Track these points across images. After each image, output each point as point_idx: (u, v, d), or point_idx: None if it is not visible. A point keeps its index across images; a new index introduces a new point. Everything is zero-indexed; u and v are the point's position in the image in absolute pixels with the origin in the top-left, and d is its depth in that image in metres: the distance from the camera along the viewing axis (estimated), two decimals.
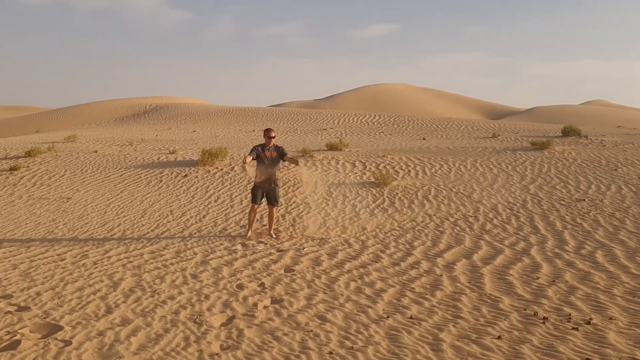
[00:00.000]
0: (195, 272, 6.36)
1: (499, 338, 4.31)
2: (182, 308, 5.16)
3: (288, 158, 8.27)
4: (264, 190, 8.15)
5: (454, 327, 4.55)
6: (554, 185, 11.47)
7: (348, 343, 4.31)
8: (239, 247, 7.56)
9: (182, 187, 12.66)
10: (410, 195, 10.85)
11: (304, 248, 7.36)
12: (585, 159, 14.53)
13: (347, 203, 10.37)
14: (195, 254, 7.17)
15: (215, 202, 11.00)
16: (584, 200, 10.00)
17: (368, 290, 5.55)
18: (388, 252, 7.09)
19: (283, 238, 8.00)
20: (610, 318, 4.68)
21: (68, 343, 4.40)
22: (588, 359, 3.96)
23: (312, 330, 4.56)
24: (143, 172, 14.52)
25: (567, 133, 21.47)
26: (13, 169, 15.12)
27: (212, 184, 12.72)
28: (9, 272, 6.50)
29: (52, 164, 16.01)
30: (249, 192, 10.80)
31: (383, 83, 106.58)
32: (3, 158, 17.10)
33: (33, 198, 12.18)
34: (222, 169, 14.18)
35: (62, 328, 4.70)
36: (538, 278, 5.82)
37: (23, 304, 5.37)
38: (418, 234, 8.03)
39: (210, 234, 8.38)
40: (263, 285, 5.81)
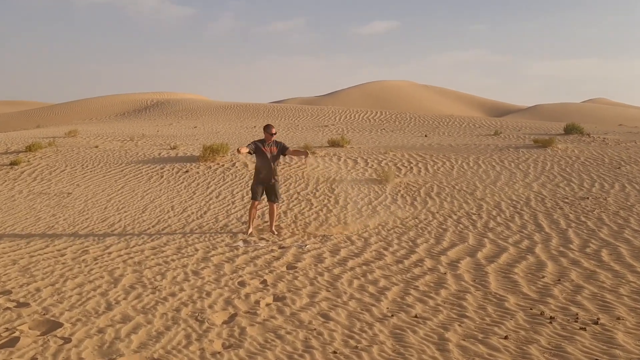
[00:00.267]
0: (197, 268, 6.30)
1: (506, 338, 4.24)
2: (183, 305, 5.09)
3: (291, 152, 8.20)
4: (264, 187, 8.08)
5: (460, 326, 4.49)
6: (557, 183, 11.39)
7: (352, 342, 4.24)
8: (241, 243, 7.49)
9: (183, 182, 12.59)
10: (413, 193, 10.78)
11: (306, 245, 7.29)
12: (589, 157, 14.45)
13: (349, 200, 10.30)
14: (197, 250, 7.10)
15: (217, 198, 10.93)
16: (588, 199, 9.92)
17: (371, 289, 5.48)
18: (391, 249, 7.02)
19: (285, 235, 7.93)
20: (618, 318, 4.61)
21: (68, 340, 4.34)
22: None
23: (315, 329, 4.49)
24: (144, 167, 14.46)
25: (569, 131, 21.37)
26: (13, 164, 15.05)
27: (213, 180, 12.65)
28: (9, 267, 6.44)
29: (52, 159, 15.94)
30: (250, 188, 10.74)
31: (384, 80, 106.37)
32: (3, 152, 17.03)
33: (33, 193, 12.12)
34: (223, 165, 14.10)
35: (61, 325, 4.64)
36: (543, 277, 5.75)
37: (22, 300, 5.31)
38: (421, 232, 7.96)
39: (212, 230, 8.31)
40: (265, 283, 5.75)
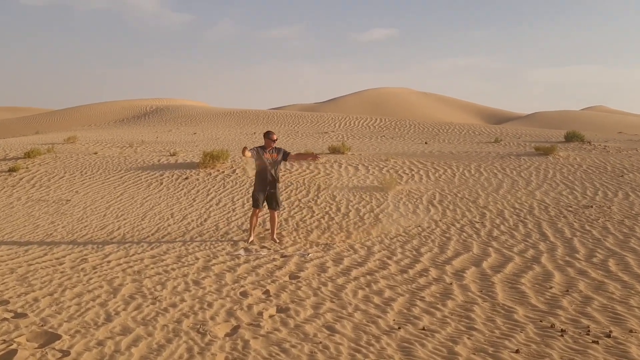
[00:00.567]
0: (197, 278, 6.18)
1: (517, 352, 4.13)
2: (184, 316, 4.98)
3: (293, 157, 8.14)
4: (265, 194, 7.97)
5: (469, 339, 4.38)
6: (560, 191, 11.31)
7: (359, 356, 4.12)
8: (242, 252, 7.38)
9: (182, 189, 12.49)
10: (415, 200, 10.68)
11: (309, 254, 7.18)
12: (591, 165, 14.38)
13: (350, 207, 10.20)
14: (197, 259, 6.99)
15: (217, 205, 10.83)
16: (592, 207, 9.84)
17: (377, 299, 5.37)
18: (395, 258, 6.91)
19: (286, 243, 7.83)
20: (631, 331, 4.50)
21: (66, 353, 4.22)
22: None
23: (320, 342, 4.37)
24: (143, 174, 14.35)
25: (570, 138, 21.33)
26: (12, 170, 14.95)
27: (213, 187, 12.55)
28: (6, 276, 6.32)
29: (51, 166, 15.84)
30: (251, 195, 10.64)
31: (383, 87, 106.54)
32: (2, 159, 16.92)
33: (32, 200, 12.00)
34: (223, 172, 14.01)
35: (60, 337, 4.51)
36: (551, 287, 5.64)
37: (20, 311, 5.19)
38: (424, 240, 7.86)
39: (212, 238, 8.20)
40: (268, 293, 5.64)
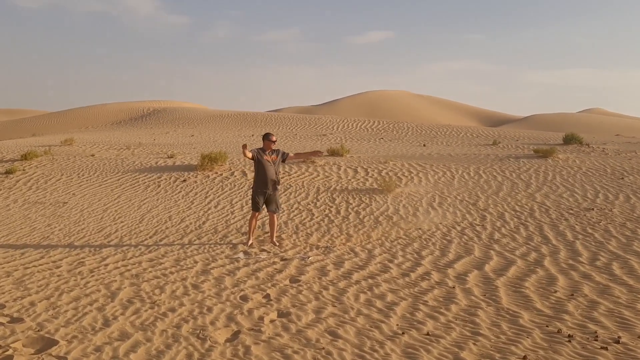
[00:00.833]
0: (197, 282, 6.09)
1: (525, 358, 4.04)
2: (183, 321, 4.88)
3: (292, 157, 8.10)
4: (265, 196, 7.89)
5: (475, 345, 4.30)
6: (561, 194, 11.25)
7: None
8: (241, 255, 7.29)
9: (180, 192, 12.39)
10: (415, 203, 10.61)
11: (309, 257, 7.10)
12: (590, 167, 14.35)
13: (350, 210, 10.13)
14: (196, 263, 6.89)
15: (215, 207, 10.74)
16: (593, 210, 9.79)
17: (379, 303, 5.28)
18: (396, 261, 6.84)
19: (286, 246, 7.74)
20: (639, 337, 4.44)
21: (63, 359, 4.12)
22: None
23: (323, 348, 4.28)
24: (141, 176, 14.25)
25: (568, 141, 21.31)
26: (9, 172, 14.82)
27: (211, 189, 12.46)
28: (2, 279, 6.22)
29: (48, 168, 15.71)
30: (250, 198, 10.54)
31: (380, 90, 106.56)
32: None
33: (28, 202, 11.89)
34: (221, 174, 13.92)
35: (57, 342, 4.42)
36: (556, 291, 5.57)
37: (16, 315, 5.10)
38: (425, 243, 7.78)
39: (211, 241, 8.11)
40: (268, 297, 5.55)
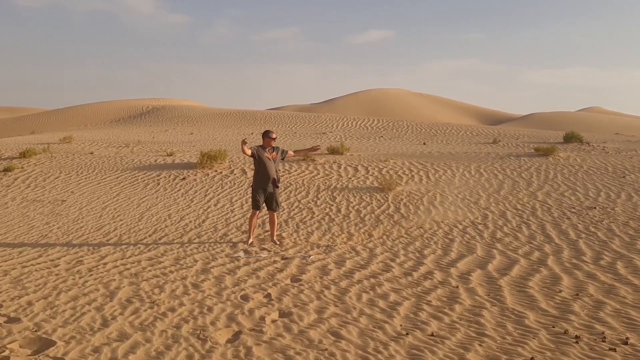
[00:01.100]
0: (196, 281, 6.02)
1: None
2: (183, 321, 4.81)
3: (292, 154, 8.05)
4: (265, 194, 7.80)
5: (480, 346, 4.22)
6: (562, 192, 11.19)
7: None
8: (242, 254, 7.22)
9: (180, 190, 12.31)
10: (416, 201, 10.54)
11: (310, 256, 7.02)
12: (592, 166, 14.27)
13: (351, 208, 10.05)
14: (196, 262, 6.82)
15: (215, 206, 10.66)
16: (595, 208, 9.71)
17: (382, 303, 5.21)
18: (398, 260, 6.77)
19: (287, 245, 7.67)
20: None
21: None
22: None
23: (326, 349, 4.20)
24: (140, 174, 14.16)
25: (568, 139, 21.24)
26: (7, 170, 14.72)
27: (211, 187, 12.38)
28: (0, 279, 6.14)
29: (46, 166, 15.62)
30: (250, 196, 10.46)
31: (379, 88, 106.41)
32: None
33: (27, 200, 11.80)
34: (221, 172, 13.84)
35: (54, 343, 4.34)
36: (560, 291, 5.50)
37: (13, 315, 5.02)
38: (427, 242, 7.71)
39: (211, 240, 8.03)
40: (269, 297, 5.47)
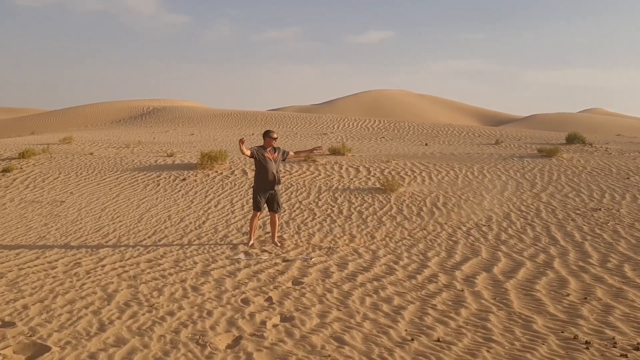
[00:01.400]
0: (196, 283, 5.90)
1: None
2: (182, 326, 4.68)
3: (292, 155, 7.93)
4: (266, 195, 7.68)
5: (488, 352, 4.09)
6: (566, 194, 11.06)
7: None
8: (242, 256, 7.10)
9: (180, 191, 12.19)
10: (419, 202, 10.41)
11: (312, 258, 6.90)
12: (595, 167, 14.15)
13: (353, 210, 9.93)
14: (196, 264, 6.70)
15: (215, 207, 10.54)
16: (600, 210, 9.59)
17: (386, 307, 5.08)
18: (401, 263, 6.64)
19: (288, 246, 7.54)
20: None
21: None
22: None
23: (329, 355, 4.08)
24: (140, 175, 14.05)
25: (571, 140, 21.12)
26: (5, 171, 14.61)
27: (211, 188, 12.26)
28: None
29: (46, 166, 15.51)
30: (250, 197, 10.34)
31: (380, 89, 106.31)
32: None
33: (25, 201, 11.68)
34: (222, 173, 13.72)
35: (49, 349, 4.21)
36: (568, 295, 5.38)
37: (8, 319, 4.89)
38: (431, 244, 7.59)
39: (211, 242, 7.91)
40: (270, 300, 5.35)
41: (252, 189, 7.96)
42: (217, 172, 13.85)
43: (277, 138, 7.77)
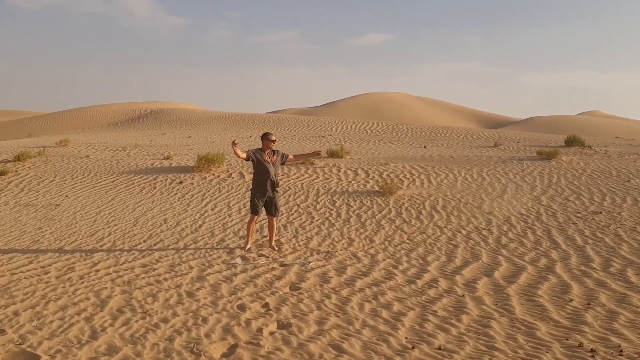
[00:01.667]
0: (191, 289, 5.77)
1: None
2: (176, 333, 4.56)
3: (292, 159, 7.80)
4: (264, 199, 7.55)
5: None
6: (567, 197, 10.97)
7: None
8: (239, 260, 6.97)
9: (176, 194, 12.06)
10: (418, 206, 10.31)
11: (310, 262, 6.78)
12: (595, 170, 14.07)
13: (351, 213, 9.82)
14: (191, 268, 6.57)
15: (212, 210, 10.41)
16: (601, 213, 9.50)
17: (385, 314, 4.96)
18: (401, 267, 6.53)
19: (286, 251, 7.42)
20: None
21: None
22: None
23: None
24: (136, 178, 13.92)
25: (570, 143, 21.05)
26: (0, 174, 14.47)
27: (208, 191, 12.13)
28: None
29: (41, 169, 15.37)
30: (248, 200, 10.22)
31: (379, 92, 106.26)
32: None
33: (20, 204, 11.55)
34: (219, 176, 13.60)
35: (39, 358, 4.08)
36: (571, 300, 5.27)
37: None
38: (430, 248, 7.48)
39: (207, 246, 7.79)
40: (267, 306, 5.22)
41: (249, 192, 7.83)
42: (214, 174, 13.73)
43: (275, 140, 7.66)
